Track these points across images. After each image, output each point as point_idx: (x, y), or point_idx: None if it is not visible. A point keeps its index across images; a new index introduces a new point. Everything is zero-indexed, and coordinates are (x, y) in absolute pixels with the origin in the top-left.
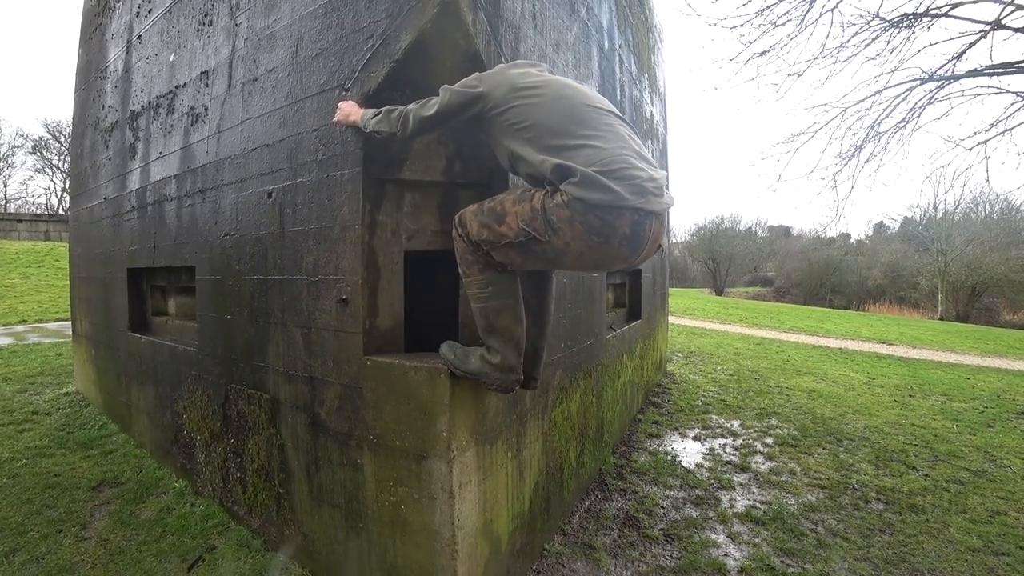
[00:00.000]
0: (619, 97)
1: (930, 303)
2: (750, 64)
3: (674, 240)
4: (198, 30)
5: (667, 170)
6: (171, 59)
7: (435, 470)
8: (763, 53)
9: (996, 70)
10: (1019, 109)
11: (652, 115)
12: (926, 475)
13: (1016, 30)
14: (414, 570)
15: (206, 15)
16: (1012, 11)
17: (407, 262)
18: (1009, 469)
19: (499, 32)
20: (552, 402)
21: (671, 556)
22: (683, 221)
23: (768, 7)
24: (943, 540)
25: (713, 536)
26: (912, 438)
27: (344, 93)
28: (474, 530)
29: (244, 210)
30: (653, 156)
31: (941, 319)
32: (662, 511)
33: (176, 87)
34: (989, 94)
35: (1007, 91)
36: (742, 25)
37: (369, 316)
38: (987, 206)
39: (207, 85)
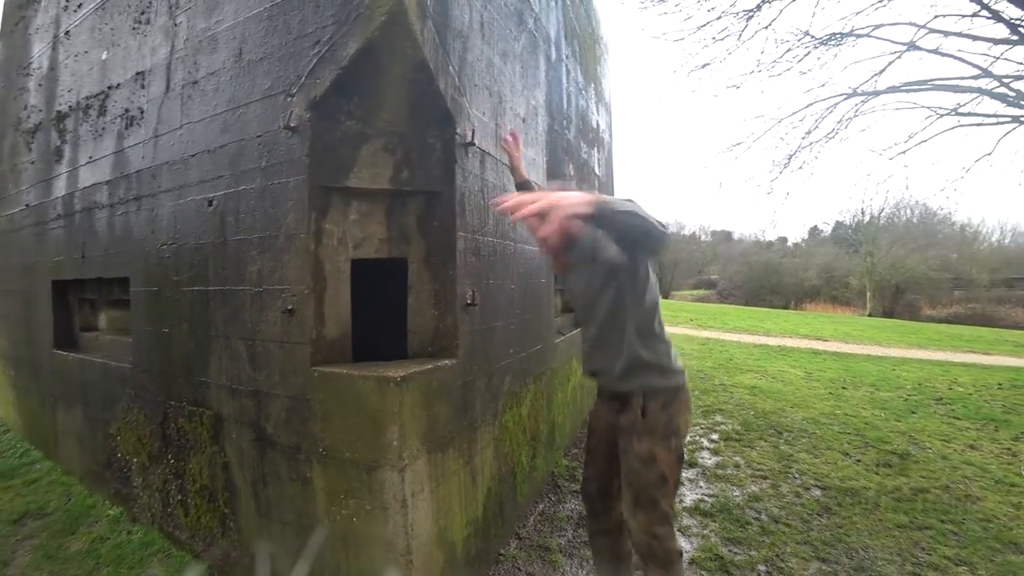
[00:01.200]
0: (566, 107)
1: (860, 301)
2: (692, 76)
3: None
4: (134, 28)
5: (613, 177)
6: (103, 58)
7: (387, 480)
8: (704, 66)
9: (912, 87)
10: (932, 123)
11: (598, 124)
12: (858, 460)
13: (929, 51)
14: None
15: (143, 13)
16: (924, 34)
17: (354, 270)
18: (930, 450)
19: (447, 41)
20: (503, 407)
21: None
22: None
23: (708, 23)
24: (874, 519)
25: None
26: (845, 427)
27: (289, 99)
28: (428, 539)
29: (183, 218)
30: (599, 164)
31: (870, 315)
32: None
33: (109, 87)
34: (907, 109)
35: (922, 106)
36: (684, 39)
37: (316, 326)
38: (908, 211)
39: (143, 87)
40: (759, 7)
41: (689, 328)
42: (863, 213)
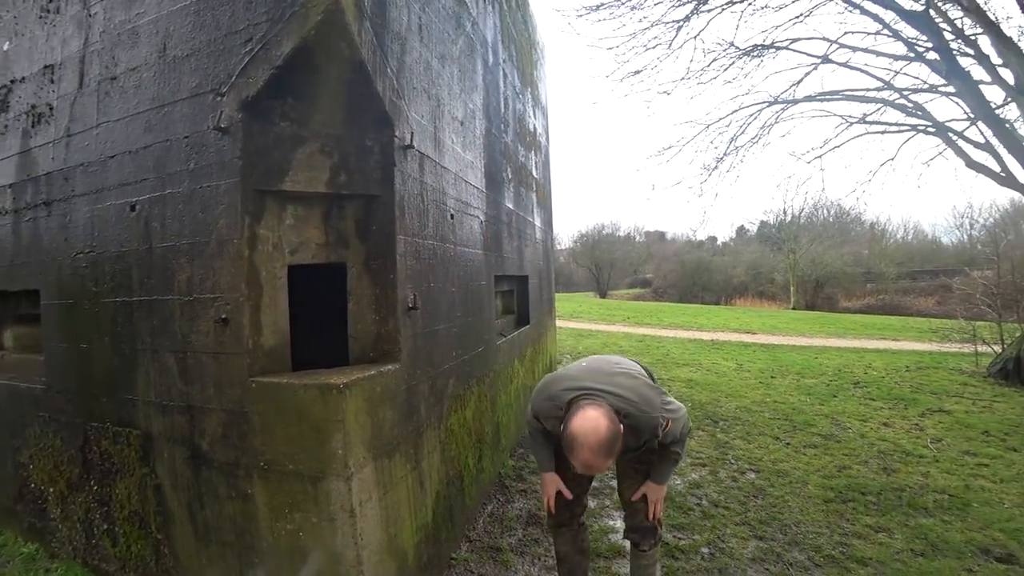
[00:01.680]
0: (503, 110)
1: (784, 295)
2: (625, 82)
3: (559, 247)
4: (41, 17)
5: (550, 180)
6: (4, 48)
7: (333, 490)
8: (636, 72)
9: (826, 96)
10: (844, 130)
11: (535, 128)
12: (787, 443)
13: (840, 64)
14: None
15: (51, 1)
16: (836, 48)
17: (291, 277)
18: (851, 430)
19: (385, 43)
20: (448, 411)
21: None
22: (567, 229)
23: (640, 31)
24: (803, 496)
25: (611, 523)
26: (775, 413)
27: (220, 99)
28: (378, 548)
29: (102, 224)
30: (537, 167)
31: (793, 308)
32: None
33: (12, 81)
34: (821, 116)
35: (835, 115)
36: (617, 46)
37: (252, 335)
38: (825, 210)
39: (52, 81)
40: (688, 18)
41: (626, 326)
42: (785, 213)
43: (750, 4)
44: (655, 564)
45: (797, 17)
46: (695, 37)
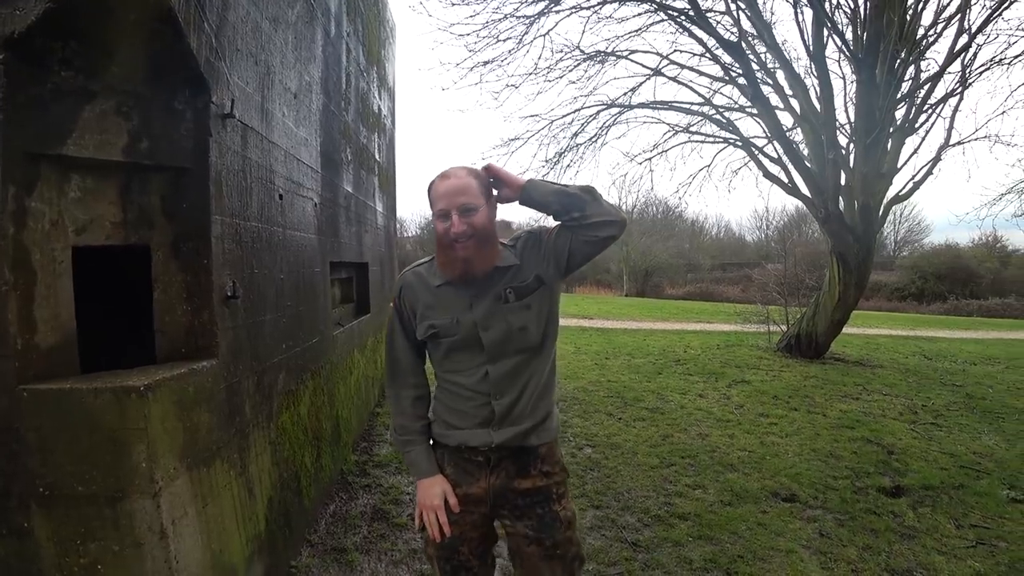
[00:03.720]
0: (344, 87)
1: (618, 283)
2: (475, 71)
3: (406, 234)
4: None
5: (395, 164)
6: None
7: (137, 510)
8: (486, 63)
9: (657, 105)
10: (670, 137)
11: (380, 109)
12: (619, 419)
13: (669, 78)
14: None
15: None
16: (666, 64)
17: (78, 261)
18: (673, 403)
19: None
20: (278, 408)
21: (421, 538)
22: (413, 216)
23: (493, 22)
24: (633, 465)
25: None
26: (609, 392)
27: None
28: (199, 569)
29: None
30: (380, 150)
31: (626, 295)
32: (408, 497)
33: None
34: (652, 123)
35: (664, 122)
36: (469, 35)
37: (22, 332)
38: (654, 207)
39: None
40: (540, 16)
41: None
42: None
43: (595, 12)
44: None
45: (636, 31)
46: (544, 35)
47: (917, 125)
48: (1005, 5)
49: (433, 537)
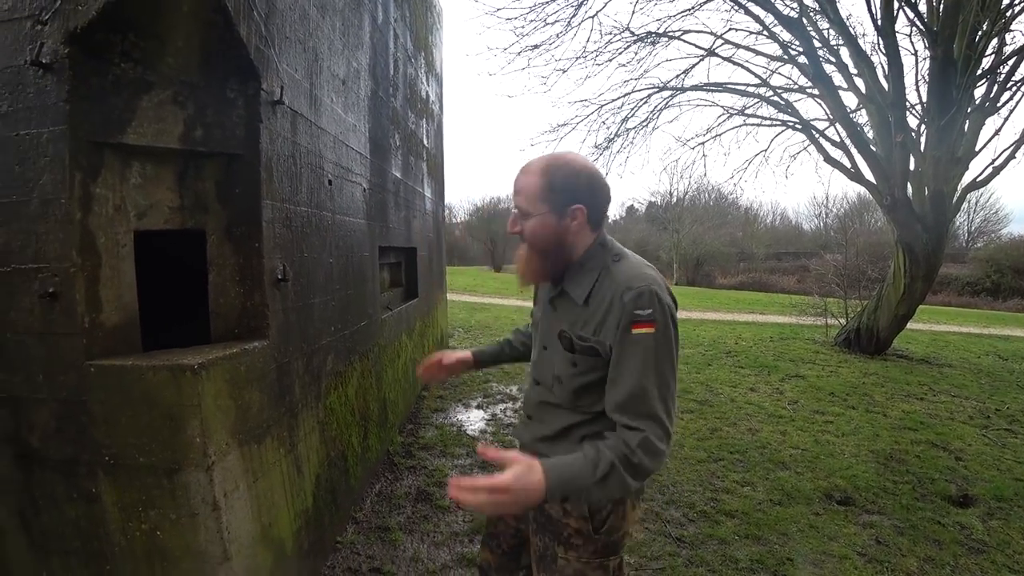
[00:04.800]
0: (392, 72)
1: (668, 272)
2: (523, 56)
3: (454, 220)
4: None
5: (443, 150)
6: None
7: (192, 482)
8: (534, 47)
9: (711, 87)
10: (724, 120)
11: (428, 95)
12: None
13: (724, 58)
14: None
15: None
16: (721, 44)
17: (140, 244)
18: (722, 396)
19: None
20: (326, 389)
21: (463, 521)
22: (461, 202)
23: (540, 4)
24: (680, 458)
25: None
26: None
27: (40, 27)
28: (250, 540)
29: None
30: (428, 135)
31: (676, 284)
32: None
33: None
34: (706, 106)
35: (717, 105)
36: (516, 18)
37: (89, 312)
38: (706, 194)
39: None
40: None
41: (521, 300)
42: (671, 195)
43: None
44: None
45: (688, 9)
46: (592, 17)
47: (999, 104)
48: None
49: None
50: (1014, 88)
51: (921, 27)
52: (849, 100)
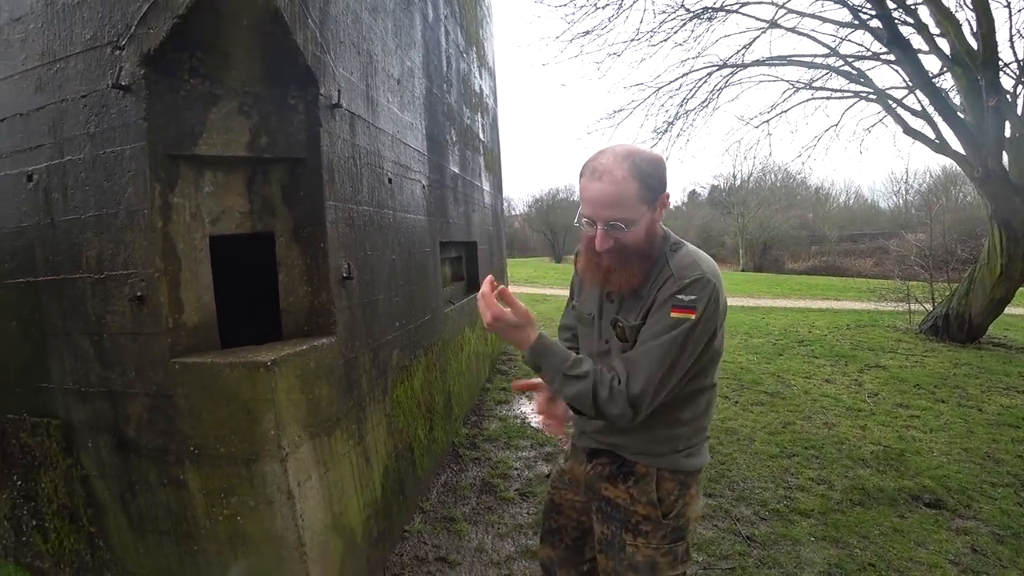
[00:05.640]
0: (445, 69)
1: (734, 257)
2: (574, 43)
3: (513, 213)
4: None
5: (499, 143)
6: None
7: (268, 472)
8: (586, 33)
9: (774, 62)
10: (790, 95)
11: (481, 89)
12: (736, 402)
13: (787, 29)
14: None
15: None
16: (784, 14)
17: (215, 248)
18: (795, 387)
19: None
20: (392, 382)
21: (527, 513)
22: (520, 194)
23: None
24: (750, 453)
25: None
26: (724, 373)
27: (118, 53)
28: (323, 528)
29: None
30: (484, 129)
31: (742, 270)
32: (516, 472)
33: None
34: (769, 81)
35: (782, 79)
36: (566, 5)
37: (172, 313)
38: (772, 175)
39: None
40: None
41: None
42: (734, 177)
43: None
44: None
45: None
46: None
47: None
48: None
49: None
50: None
51: None
52: (931, 64)
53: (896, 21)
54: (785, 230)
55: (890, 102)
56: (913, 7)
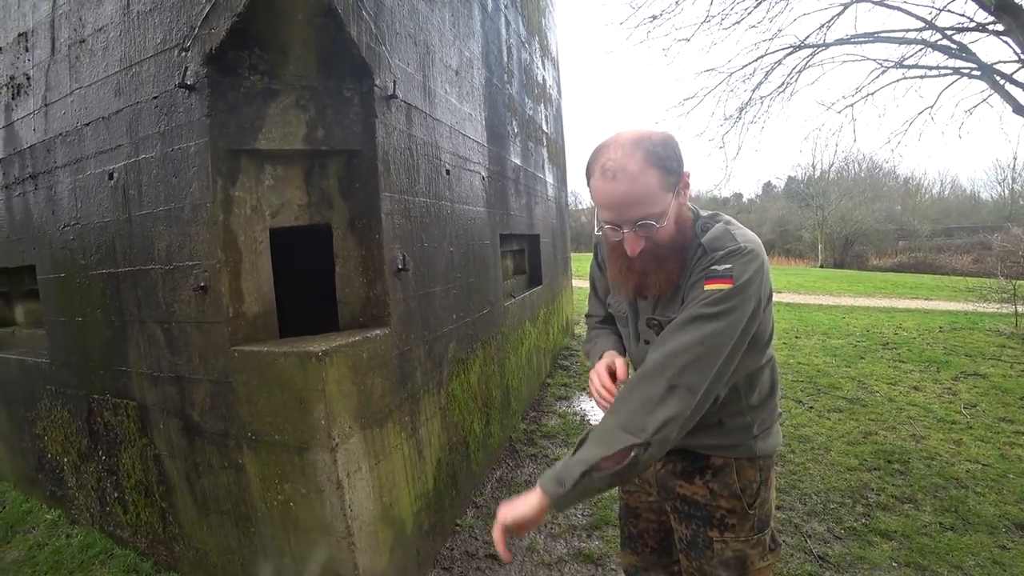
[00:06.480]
0: (506, 59)
1: (812, 253)
2: (640, 28)
3: (580, 206)
4: None
5: (563, 134)
6: None
7: (318, 461)
8: (653, 18)
9: (859, 39)
10: (878, 76)
11: (544, 79)
12: (810, 407)
13: (875, 3)
14: (313, 570)
15: None
16: None
17: (274, 240)
18: (878, 394)
19: None
20: (448, 375)
21: (583, 515)
22: (585, 187)
23: None
24: (826, 464)
25: None
26: (799, 375)
27: (184, 54)
28: (371, 518)
29: (84, 195)
30: (547, 120)
31: (821, 267)
32: None
33: None
34: (854, 61)
35: (869, 59)
36: None
37: (233, 303)
38: (856, 164)
39: (27, 50)
40: None
41: None
42: (813, 167)
43: None
44: None
45: None
46: None
47: None
48: None
49: (597, 401)
50: None
51: None
52: None
53: None
54: (869, 223)
55: (997, 78)
56: None
